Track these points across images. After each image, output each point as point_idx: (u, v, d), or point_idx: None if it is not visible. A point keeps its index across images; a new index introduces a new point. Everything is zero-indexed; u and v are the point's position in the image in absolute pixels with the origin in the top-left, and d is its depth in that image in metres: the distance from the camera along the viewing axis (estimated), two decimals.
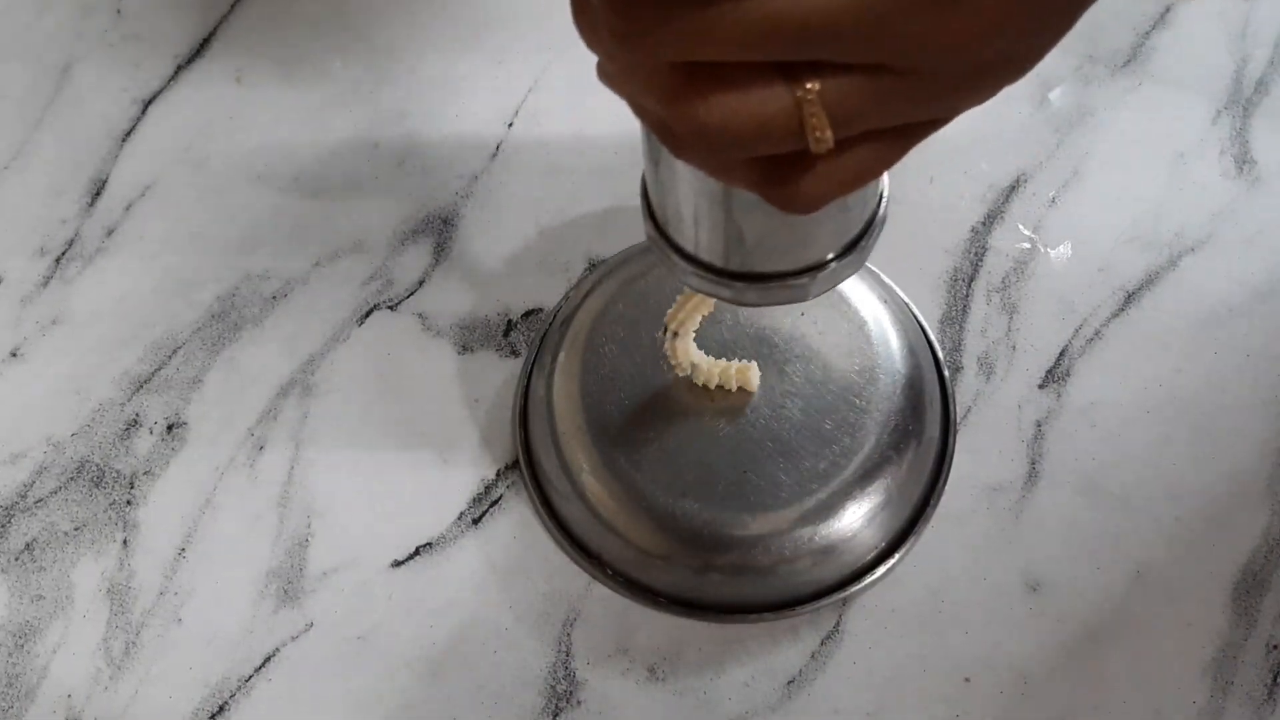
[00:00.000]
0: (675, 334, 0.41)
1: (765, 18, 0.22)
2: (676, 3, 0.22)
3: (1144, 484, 0.44)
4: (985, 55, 0.24)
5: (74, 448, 0.46)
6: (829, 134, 0.24)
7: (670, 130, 0.25)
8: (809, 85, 0.23)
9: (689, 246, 0.33)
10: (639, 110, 0.26)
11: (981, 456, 0.45)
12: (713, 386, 0.42)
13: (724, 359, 0.42)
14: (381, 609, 0.43)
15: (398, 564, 0.44)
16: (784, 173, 0.25)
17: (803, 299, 0.34)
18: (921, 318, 0.47)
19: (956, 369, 0.46)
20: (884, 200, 0.33)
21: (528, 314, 0.48)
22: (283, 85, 0.53)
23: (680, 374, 0.42)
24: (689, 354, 0.41)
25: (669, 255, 0.33)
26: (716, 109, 0.23)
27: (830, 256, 0.32)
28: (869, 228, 0.33)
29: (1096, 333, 0.47)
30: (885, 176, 0.33)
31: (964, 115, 0.27)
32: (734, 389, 0.42)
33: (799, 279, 0.32)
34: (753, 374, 0.42)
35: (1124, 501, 0.44)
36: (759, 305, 0.35)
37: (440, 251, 0.49)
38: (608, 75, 0.26)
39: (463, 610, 0.43)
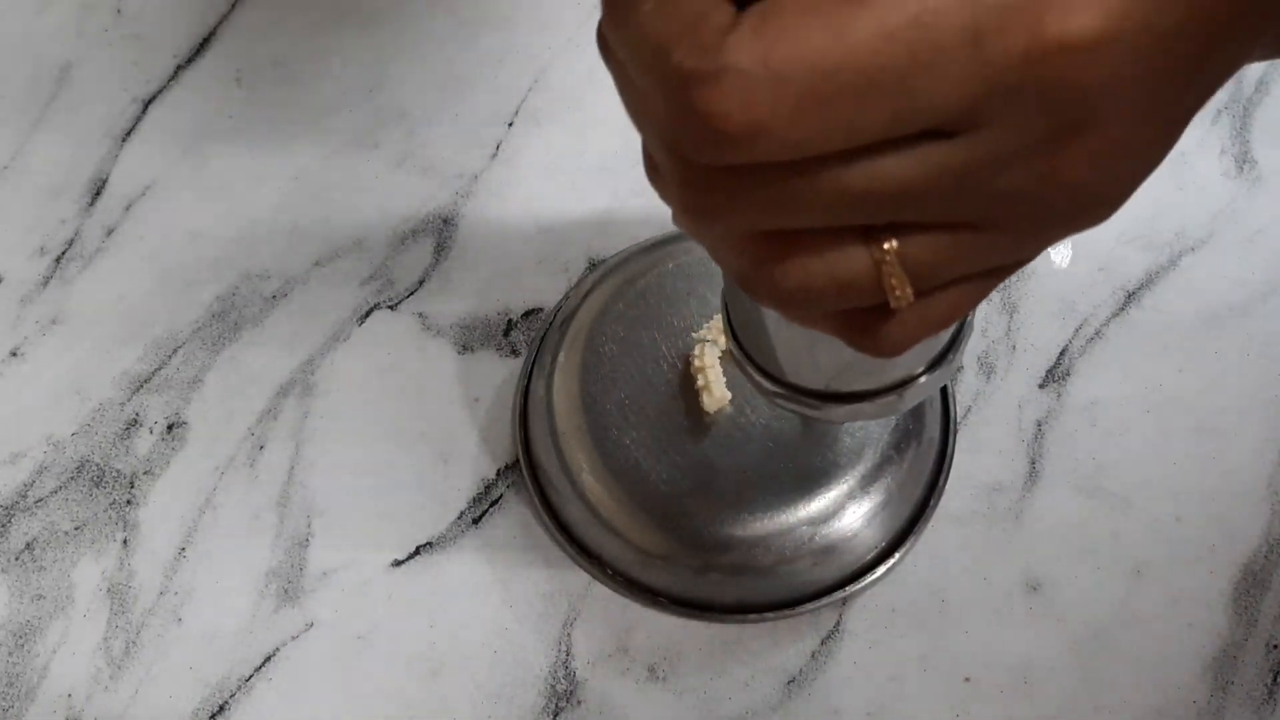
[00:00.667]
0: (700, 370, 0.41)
1: (840, 190, 0.21)
2: (749, 181, 0.21)
3: (1144, 483, 0.44)
4: (1070, 208, 0.23)
5: (74, 447, 0.46)
6: (909, 291, 0.23)
7: (748, 284, 0.24)
8: (886, 246, 0.23)
9: (774, 370, 0.32)
10: (715, 257, 0.25)
11: (982, 456, 0.45)
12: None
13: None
14: (381, 609, 0.43)
15: (398, 564, 0.44)
16: (867, 322, 0.24)
17: (893, 414, 0.33)
18: None
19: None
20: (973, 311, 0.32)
21: (528, 314, 0.48)
22: (282, 85, 0.53)
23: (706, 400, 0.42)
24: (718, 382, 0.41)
25: (753, 376, 0.33)
26: (794, 273, 0.23)
27: (919, 371, 0.32)
28: (957, 338, 0.32)
29: (1097, 332, 0.47)
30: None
31: None
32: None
33: (887, 396, 0.32)
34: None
35: (1124, 501, 0.44)
36: (848, 421, 0.34)
37: (440, 251, 0.49)
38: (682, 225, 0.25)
39: (463, 610, 0.43)
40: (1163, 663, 0.41)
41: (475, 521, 0.45)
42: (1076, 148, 0.21)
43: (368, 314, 0.48)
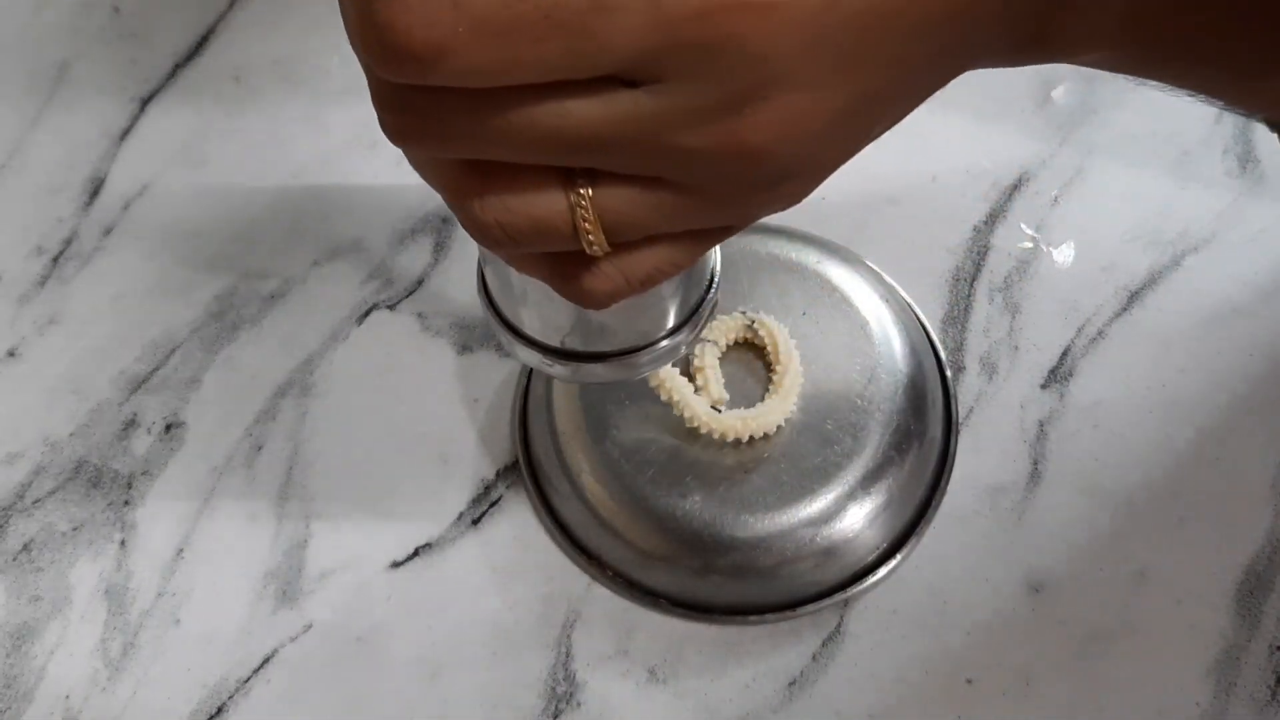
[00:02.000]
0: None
1: (528, 124, 0.22)
2: (438, 104, 0.22)
3: (1147, 484, 0.44)
4: (769, 172, 0.23)
5: (71, 448, 0.46)
6: (603, 239, 0.24)
7: (457, 216, 0.25)
8: (581, 191, 0.23)
9: (516, 323, 0.33)
10: (432, 186, 0.26)
11: (984, 457, 0.44)
12: (729, 439, 0.42)
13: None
14: (380, 610, 0.43)
15: (397, 565, 0.44)
16: (571, 269, 0.25)
17: (628, 378, 0.34)
18: (923, 317, 0.46)
19: (959, 369, 0.46)
20: (715, 281, 0.33)
21: None
22: (281, 84, 0.53)
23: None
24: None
25: (499, 330, 0.34)
26: (493, 207, 0.24)
27: (654, 339, 0.33)
28: (697, 311, 0.33)
29: (1099, 332, 0.46)
30: (717, 259, 0.33)
31: (965, 113, 0.27)
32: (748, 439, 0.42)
33: (621, 359, 0.33)
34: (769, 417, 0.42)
35: (1127, 502, 0.44)
36: (582, 381, 0.35)
37: (439, 250, 0.49)
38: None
39: (462, 611, 0.43)
40: (1165, 664, 0.41)
41: (475, 522, 0.44)
42: (757, 113, 0.22)
43: (367, 314, 0.48)
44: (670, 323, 0.33)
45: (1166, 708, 0.41)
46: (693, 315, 0.33)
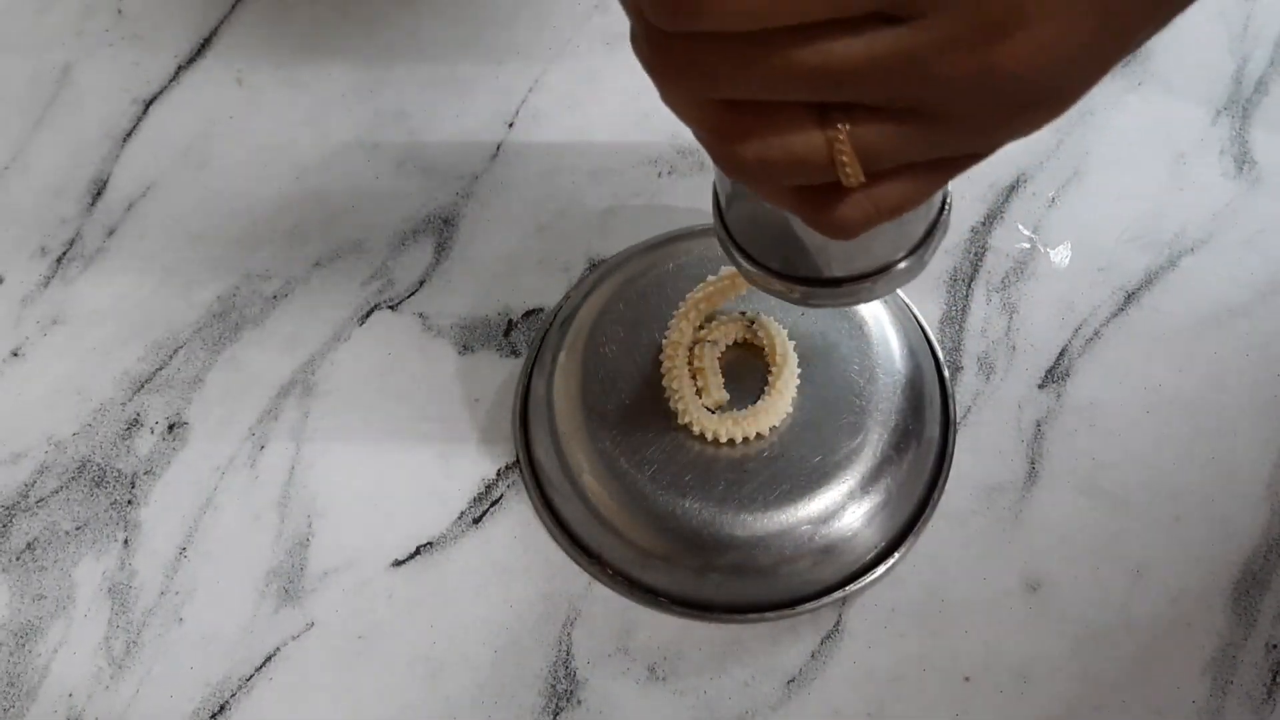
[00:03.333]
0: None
1: (792, 64, 0.23)
2: (706, 48, 0.23)
3: (1144, 484, 0.44)
4: (1021, 98, 0.24)
5: (75, 447, 0.46)
6: (859, 170, 0.25)
7: (714, 154, 0.25)
8: (839, 125, 0.24)
9: (753, 251, 0.34)
10: (688, 125, 0.27)
11: (981, 456, 0.45)
12: (723, 439, 0.42)
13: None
14: (382, 608, 0.43)
15: (398, 563, 0.44)
16: (823, 200, 0.26)
17: (868, 300, 0.35)
18: (921, 318, 0.47)
19: (956, 369, 0.46)
20: (947, 207, 0.34)
21: (528, 314, 0.48)
22: (283, 85, 0.53)
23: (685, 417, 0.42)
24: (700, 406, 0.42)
25: (734, 256, 0.34)
26: (751, 146, 0.24)
27: (895, 259, 0.33)
28: (930, 233, 0.33)
29: (1096, 333, 0.47)
30: (948, 184, 0.33)
31: None
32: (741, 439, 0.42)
33: (861, 283, 0.33)
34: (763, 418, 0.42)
35: (1124, 501, 0.44)
36: (825, 306, 0.35)
37: (441, 251, 0.49)
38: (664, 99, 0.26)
39: (463, 610, 0.43)
40: (1162, 663, 0.41)
41: (476, 521, 0.45)
42: (1013, 41, 0.23)
43: (368, 314, 0.48)
44: (903, 249, 0.33)
45: (1163, 706, 0.41)
46: (925, 239, 0.34)
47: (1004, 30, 0.22)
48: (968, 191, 0.49)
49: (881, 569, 0.42)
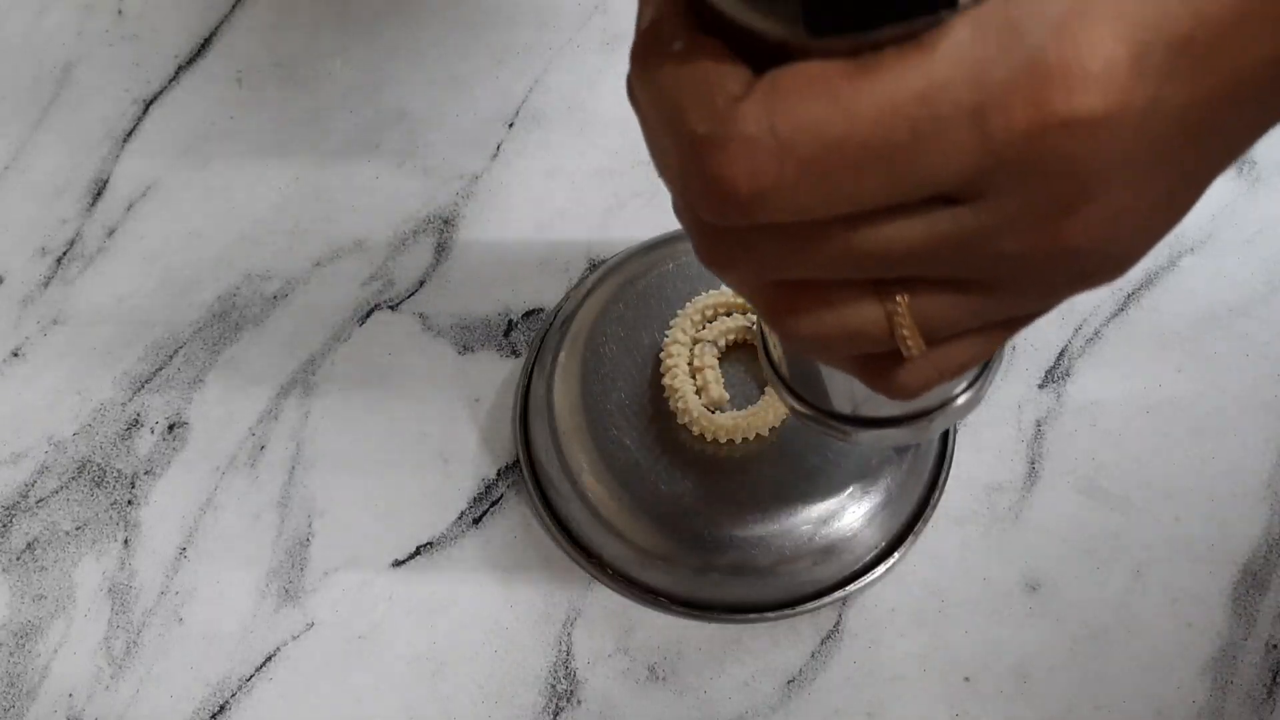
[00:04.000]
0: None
1: (850, 249, 0.22)
2: (759, 237, 0.22)
3: (1144, 484, 0.44)
4: (1087, 268, 0.23)
5: (75, 447, 0.46)
6: (921, 342, 0.24)
7: (769, 326, 0.25)
8: (898, 299, 0.23)
9: (805, 393, 0.33)
10: (741, 296, 0.26)
11: (981, 456, 0.45)
12: (722, 440, 0.42)
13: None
14: (382, 608, 0.43)
15: (398, 564, 0.44)
16: (883, 367, 0.25)
17: (921, 440, 0.35)
18: None
19: None
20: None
21: (528, 314, 0.48)
22: (283, 85, 0.53)
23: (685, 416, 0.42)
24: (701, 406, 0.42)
25: (786, 398, 0.33)
26: (809, 321, 0.24)
27: (946, 399, 0.33)
28: (985, 368, 0.33)
29: (1096, 332, 0.47)
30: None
31: None
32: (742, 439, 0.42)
33: (916, 422, 0.33)
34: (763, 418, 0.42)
35: (1124, 501, 0.44)
36: (876, 444, 0.34)
37: (441, 251, 0.49)
38: None
39: (463, 610, 0.43)
40: (1162, 663, 0.41)
41: (476, 521, 0.45)
42: (1080, 216, 0.21)
43: (368, 314, 0.48)
44: (962, 383, 0.33)
45: (1163, 706, 0.41)
46: (983, 371, 0.33)
47: (1070, 207, 0.21)
48: None
49: (881, 569, 0.42)
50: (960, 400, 0.33)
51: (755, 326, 0.34)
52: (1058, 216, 0.21)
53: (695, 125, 0.21)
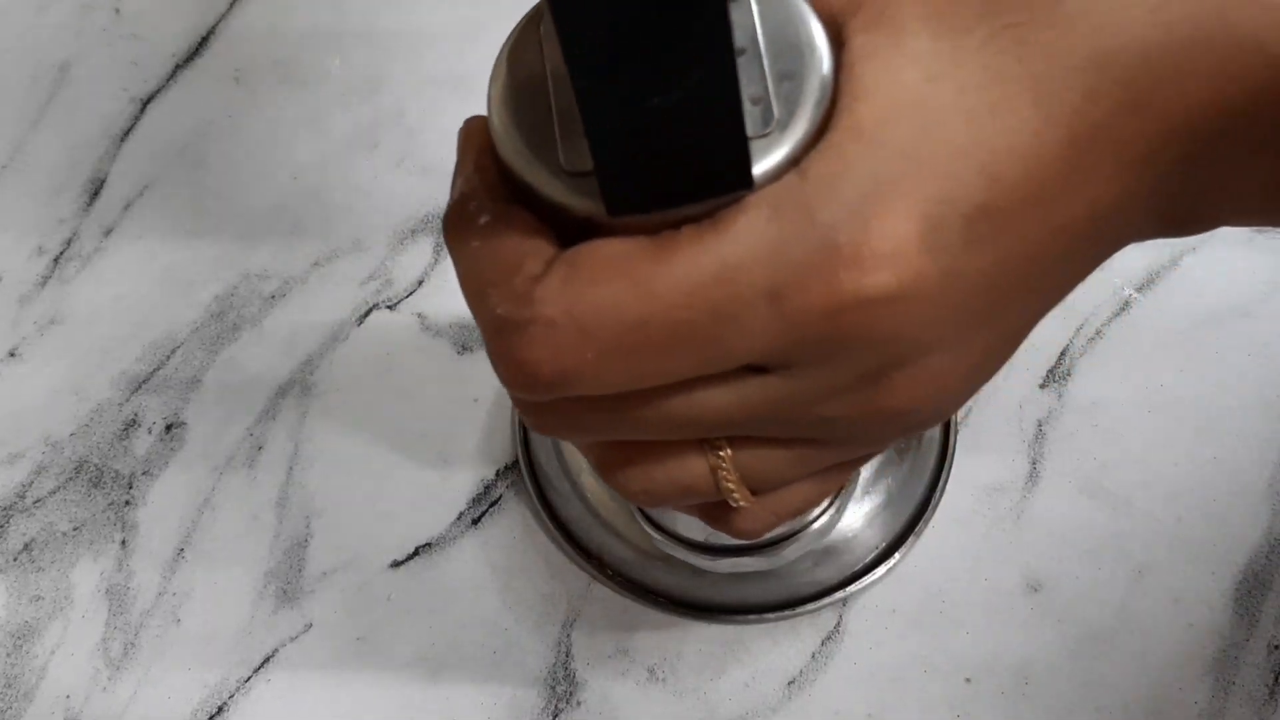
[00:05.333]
0: None
1: (663, 416, 0.22)
2: (575, 407, 0.22)
3: (1146, 484, 0.44)
4: (909, 423, 0.24)
5: (72, 448, 0.46)
6: (746, 492, 0.24)
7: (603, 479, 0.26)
8: (721, 454, 0.24)
9: (660, 519, 0.35)
10: None
11: (982, 456, 0.44)
12: None
13: None
14: (381, 609, 0.43)
15: (397, 564, 0.44)
16: (720, 513, 0.26)
17: (776, 566, 0.37)
18: None
19: None
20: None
21: None
22: (281, 84, 0.53)
23: None
24: None
25: (644, 525, 0.35)
26: (638, 477, 0.24)
27: (797, 529, 0.35)
28: (836, 496, 0.35)
29: (1098, 332, 0.46)
30: None
31: None
32: None
33: (765, 551, 0.35)
34: None
35: (1125, 502, 0.44)
36: (731, 571, 0.38)
37: (440, 251, 0.49)
38: None
39: (462, 611, 0.43)
40: (1164, 663, 0.41)
41: (475, 522, 0.44)
42: (895, 383, 0.22)
43: (367, 314, 0.48)
44: (816, 511, 0.34)
45: (1165, 707, 0.41)
46: (837, 498, 0.35)
47: (883, 376, 0.22)
48: None
49: (882, 569, 0.42)
50: (814, 528, 0.34)
51: None
52: (871, 385, 0.22)
53: (495, 306, 0.21)
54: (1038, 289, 0.23)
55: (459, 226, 0.22)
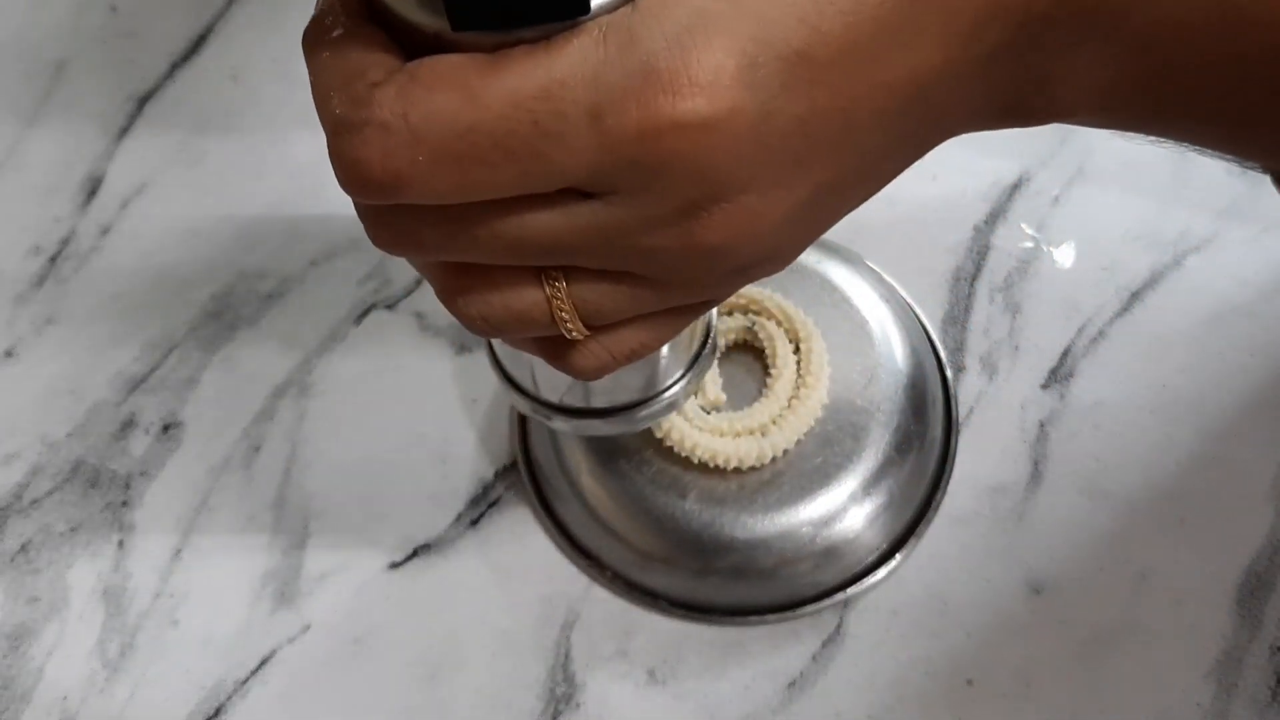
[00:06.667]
0: None
1: (493, 235, 0.23)
2: (410, 219, 0.23)
3: (1148, 485, 0.44)
4: (730, 264, 0.24)
5: (69, 448, 0.46)
6: (580, 325, 0.25)
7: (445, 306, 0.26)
8: (556, 285, 0.25)
9: (520, 381, 0.35)
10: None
11: (984, 457, 0.44)
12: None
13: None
14: (379, 611, 0.43)
15: (395, 565, 0.44)
16: (559, 349, 0.27)
17: (627, 431, 0.37)
18: (924, 317, 0.46)
19: (959, 369, 0.46)
20: (710, 338, 0.35)
21: None
22: (278, 82, 0.53)
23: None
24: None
25: (504, 385, 0.35)
26: (474, 304, 0.25)
27: (656, 391, 0.35)
28: (690, 369, 0.35)
29: (1100, 332, 0.46)
30: (712, 314, 0.35)
31: None
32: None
33: (623, 413, 0.35)
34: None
35: (1127, 503, 0.43)
36: (581, 434, 0.38)
37: None
38: None
39: (461, 612, 0.43)
40: (1166, 665, 0.41)
41: (473, 523, 0.44)
42: (710, 217, 0.23)
43: (365, 314, 0.48)
44: (667, 379, 0.35)
45: (1167, 709, 0.41)
46: (689, 369, 0.35)
47: (701, 208, 0.23)
48: (970, 189, 0.49)
49: (883, 571, 0.42)
50: (664, 396, 0.35)
51: None
52: (687, 216, 0.23)
53: (334, 108, 0.22)
54: (856, 148, 0.24)
55: (314, 40, 0.23)
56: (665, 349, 0.33)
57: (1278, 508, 0.43)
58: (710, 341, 0.35)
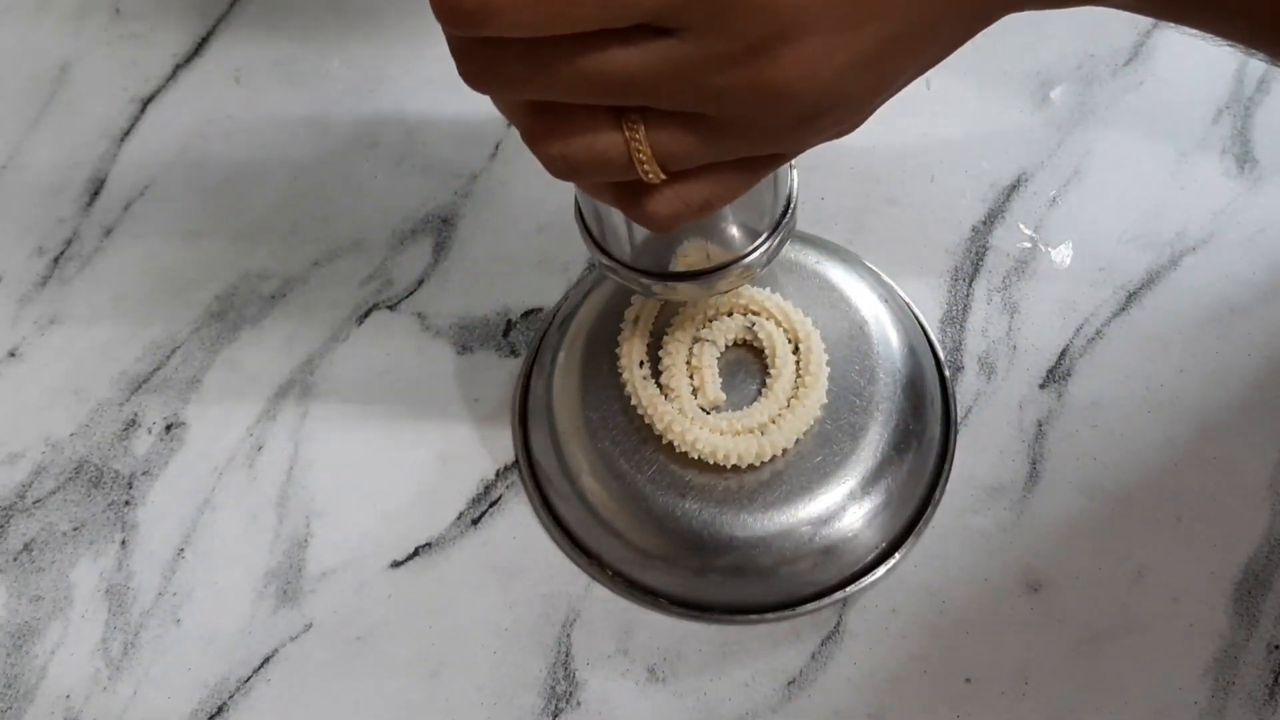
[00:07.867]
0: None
1: (575, 71, 0.24)
2: (498, 54, 0.25)
3: (1145, 484, 0.44)
4: (800, 110, 0.26)
5: (72, 448, 0.46)
6: (657, 168, 0.27)
7: (531, 149, 0.28)
8: (634, 125, 0.26)
9: (606, 245, 0.36)
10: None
11: (982, 456, 0.44)
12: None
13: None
14: (380, 610, 0.43)
15: (397, 564, 0.44)
16: (636, 196, 0.28)
17: (710, 295, 0.38)
18: (922, 317, 0.46)
19: (957, 369, 0.46)
20: (791, 208, 0.36)
21: (527, 314, 0.48)
22: (282, 84, 0.53)
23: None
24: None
25: (591, 248, 0.36)
26: (557, 145, 0.27)
27: (734, 257, 0.36)
28: (776, 229, 0.36)
29: (1098, 332, 0.46)
30: (793, 184, 0.36)
31: (963, 113, 0.27)
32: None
33: (705, 277, 0.36)
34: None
35: (1125, 502, 0.44)
36: (667, 298, 0.38)
37: (440, 251, 0.49)
38: None
39: (462, 611, 0.43)
40: (1163, 664, 0.41)
41: (474, 522, 0.44)
42: (778, 57, 0.24)
43: (367, 314, 0.48)
44: (746, 245, 0.35)
45: (1165, 707, 0.41)
46: (771, 234, 0.36)
47: (769, 47, 0.24)
48: (968, 190, 0.49)
49: (882, 570, 0.42)
50: (747, 260, 0.36)
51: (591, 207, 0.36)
52: (756, 55, 0.24)
53: None
54: (920, 3, 0.26)
55: None
56: (743, 211, 0.34)
57: (1275, 506, 0.43)
58: (792, 211, 0.36)
